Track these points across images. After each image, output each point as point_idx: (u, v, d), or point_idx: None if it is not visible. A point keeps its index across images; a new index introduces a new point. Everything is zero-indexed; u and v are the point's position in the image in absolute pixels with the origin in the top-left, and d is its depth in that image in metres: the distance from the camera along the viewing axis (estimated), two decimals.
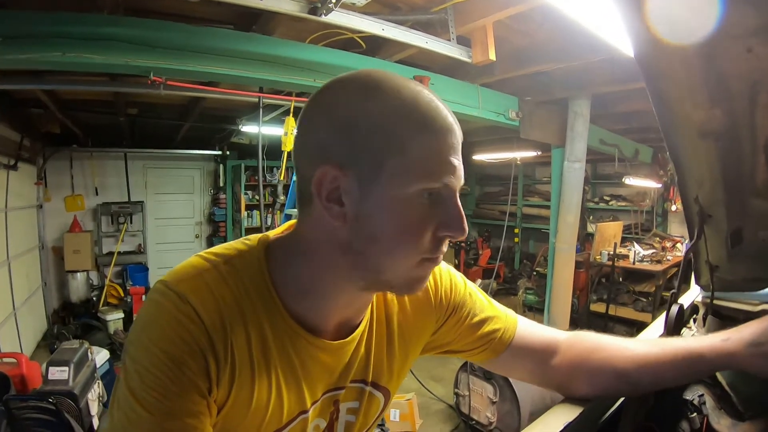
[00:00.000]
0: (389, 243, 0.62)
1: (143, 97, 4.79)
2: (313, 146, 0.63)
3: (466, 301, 0.90)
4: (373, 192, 0.60)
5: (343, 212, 0.62)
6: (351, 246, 0.63)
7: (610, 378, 0.89)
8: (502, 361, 0.93)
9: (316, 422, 0.74)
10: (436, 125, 0.61)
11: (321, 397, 0.74)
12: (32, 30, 2.20)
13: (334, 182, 0.61)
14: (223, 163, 8.44)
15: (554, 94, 4.34)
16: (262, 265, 0.67)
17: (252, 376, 0.64)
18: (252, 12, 2.71)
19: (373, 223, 0.61)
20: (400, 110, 0.60)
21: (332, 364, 0.73)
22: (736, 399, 1.25)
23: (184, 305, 0.59)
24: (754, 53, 0.71)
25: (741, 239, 1.17)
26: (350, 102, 0.62)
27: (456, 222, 0.63)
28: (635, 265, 6.11)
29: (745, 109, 0.82)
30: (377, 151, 0.59)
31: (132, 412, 0.57)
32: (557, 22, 2.66)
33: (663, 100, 0.85)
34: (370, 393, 0.80)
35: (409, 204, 0.60)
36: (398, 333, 0.82)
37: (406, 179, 0.59)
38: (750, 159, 0.95)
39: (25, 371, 3.25)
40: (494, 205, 10.60)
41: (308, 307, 0.69)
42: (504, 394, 3.66)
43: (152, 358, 0.57)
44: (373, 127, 0.59)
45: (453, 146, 0.63)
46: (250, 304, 0.64)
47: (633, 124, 5.35)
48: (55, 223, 6.80)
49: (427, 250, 0.63)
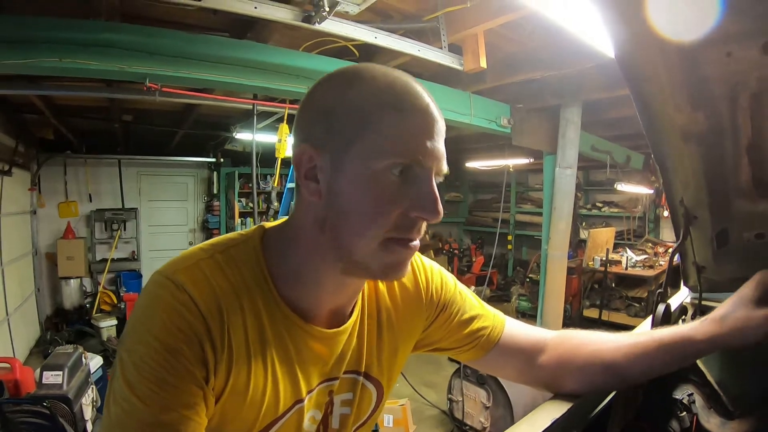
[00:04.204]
0: (355, 218, 0.63)
1: (138, 103, 4.81)
2: (299, 131, 0.67)
3: (456, 299, 0.92)
4: (344, 168, 0.62)
5: (318, 189, 0.64)
6: (326, 223, 0.65)
7: (599, 371, 0.90)
8: (491, 360, 0.94)
9: (311, 413, 0.74)
10: (408, 104, 0.63)
11: (316, 387, 0.74)
12: (29, 35, 2.21)
13: (311, 161, 0.65)
14: (217, 171, 8.44)
15: (546, 101, 4.38)
16: (258, 253, 0.69)
17: (248, 362, 0.64)
18: (247, 20, 2.73)
19: (343, 199, 0.63)
20: (375, 92, 0.63)
21: (326, 353, 0.74)
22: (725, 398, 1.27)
23: (180, 294, 0.60)
24: (734, 57, 0.74)
25: (727, 240, 1.19)
26: (332, 91, 0.66)
27: (428, 202, 0.63)
28: (628, 271, 6.16)
29: (727, 112, 0.85)
30: (349, 130, 0.62)
31: (127, 403, 0.57)
32: (547, 30, 2.70)
33: (646, 103, 0.87)
34: (363, 384, 0.81)
35: (376, 179, 0.61)
36: (387, 326, 0.83)
37: (374, 155, 0.61)
38: (733, 161, 0.97)
39: (19, 376, 3.23)
40: (487, 212, 10.64)
41: (300, 295, 0.70)
42: (497, 399, 3.66)
43: (148, 348, 0.57)
44: (348, 110, 0.63)
45: (426, 127, 0.64)
46: (247, 292, 0.65)
47: (624, 130, 5.40)
48: (48, 229, 6.78)
49: (393, 228, 0.63)
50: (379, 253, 0.64)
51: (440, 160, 0.65)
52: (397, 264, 0.67)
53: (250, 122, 4.14)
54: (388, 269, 0.66)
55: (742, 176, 1.01)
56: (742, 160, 0.96)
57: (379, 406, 0.85)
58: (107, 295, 6.79)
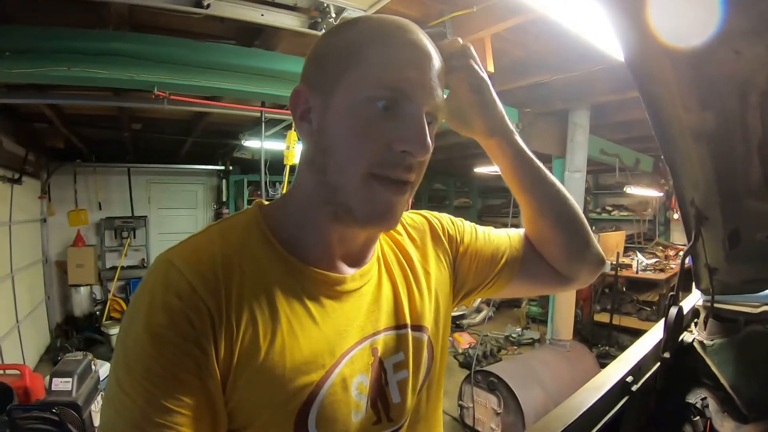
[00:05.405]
0: (339, 152, 0.62)
1: (147, 112, 4.85)
2: (301, 79, 0.68)
3: (467, 229, 0.91)
4: (332, 105, 0.62)
5: (311, 129, 0.65)
6: (314, 163, 0.65)
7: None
8: (526, 272, 0.91)
9: (358, 379, 0.67)
10: (396, 38, 0.63)
11: (355, 347, 0.67)
12: (39, 45, 2.24)
13: (306, 103, 0.65)
14: (226, 178, 8.48)
15: (554, 105, 4.38)
16: (258, 217, 0.68)
17: (254, 321, 0.60)
18: (254, 28, 2.75)
19: (329, 134, 0.63)
20: (366, 29, 0.64)
21: (350, 304, 0.69)
22: (739, 401, 1.25)
23: (169, 269, 0.58)
24: (742, 55, 0.73)
25: (739, 241, 1.18)
26: (330, 36, 0.68)
27: (413, 135, 0.61)
28: (638, 275, 6.10)
29: (736, 110, 0.84)
30: (338, 66, 0.62)
31: (118, 402, 0.54)
32: (554, 34, 2.70)
33: (655, 104, 0.87)
34: (414, 337, 0.75)
35: (359, 112, 0.61)
36: (423, 273, 0.80)
37: (357, 88, 0.61)
38: (744, 160, 0.96)
39: (29, 383, 3.25)
40: (496, 217, 10.60)
41: (305, 246, 0.67)
42: (508, 406, 3.63)
43: (135, 338, 0.55)
44: (339, 49, 0.64)
45: (414, 58, 0.62)
46: (247, 249, 0.63)
47: (633, 133, 5.37)
48: (58, 237, 6.83)
49: (376, 163, 0.61)
50: (361, 192, 0.62)
51: (431, 95, 0.63)
52: (382, 207, 0.63)
53: (259, 130, 4.16)
54: (373, 213, 0.63)
55: (753, 175, 1.00)
56: (752, 159, 0.95)
57: (433, 362, 0.78)
58: (117, 303, 6.82)
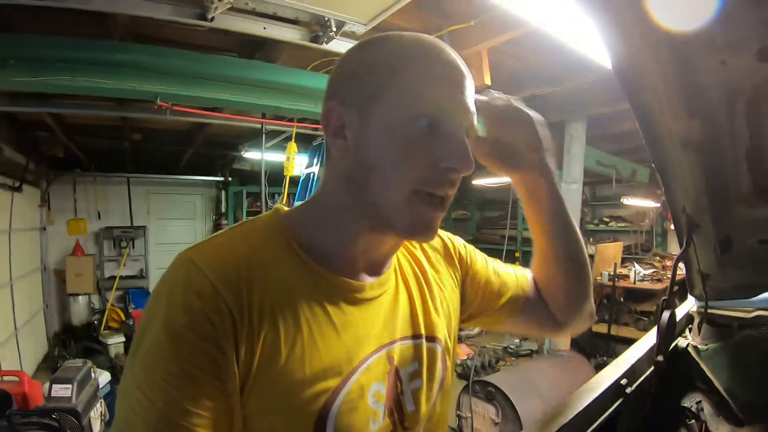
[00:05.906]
0: (383, 170, 0.62)
1: (147, 122, 4.89)
2: (327, 93, 0.68)
3: (477, 257, 0.93)
4: (371, 122, 0.63)
5: (346, 146, 0.64)
6: (353, 179, 0.65)
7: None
8: (529, 309, 0.93)
9: (375, 387, 0.67)
10: (434, 56, 0.64)
11: (372, 355, 0.68)
12: (43, 54, 2.28)
13: (339, 119, 0.64)
14: (225, 189, 8.51)
15: (550, 118, 4.37)
16: (280, 220, 0.68)
17: (276, 324, 0.60)
18: (256, 40, 2.80)
19: (370, 152, 0.63)
20: (401, 47, 0.65)
21: (369, 312, 0.70)
22: (734, 405, 1.27)
23: (189, 267, 0.58)
24: (728, 65, 0.76)
25: (730, 247, 1.20)
26: (360, 52, 0.68)
27: (457, 152, 0.63)
28: (636, 285, 6.10)
29: (724, 119, 0.87)
30: (376, 83, 0.63)
31: (134, 401, 0.54)
32: (550, 46, 2.74)
33: (644, 113, 0.90)
34: (428, 348, 0.76)
35: (403, 130, 0.61)
36: (436, 285, 0.81)
37: (400, 106, 0.61)
38: (733, 167, 0.99)
39: (27, 389, 3.24)
40: (494, 229, 10.57)
41: (328, 254, 0.67)
42: (506, 415, 3.63)
43: (155, 336, 0.55)
44: (375, 65, 0.64)
45: (454, 79, 0.64)
46: (269, 251, 0.64)
47: (629, 144, 5.43)
48: (57, 246, 6.82)
49: (422, 180, 0.62)
50: (404, 208, 0.63)
51: (470, 116, 0.65)
52: (425, 222, 0.65)
53: (259, 141, 4.19)
54: (415, 227, 0.65)
55: (743, 182, 1.02)
56: (741, 166, 0.98)
57: (446, 373, 0.79)
58: (115, 312, 6.80)
